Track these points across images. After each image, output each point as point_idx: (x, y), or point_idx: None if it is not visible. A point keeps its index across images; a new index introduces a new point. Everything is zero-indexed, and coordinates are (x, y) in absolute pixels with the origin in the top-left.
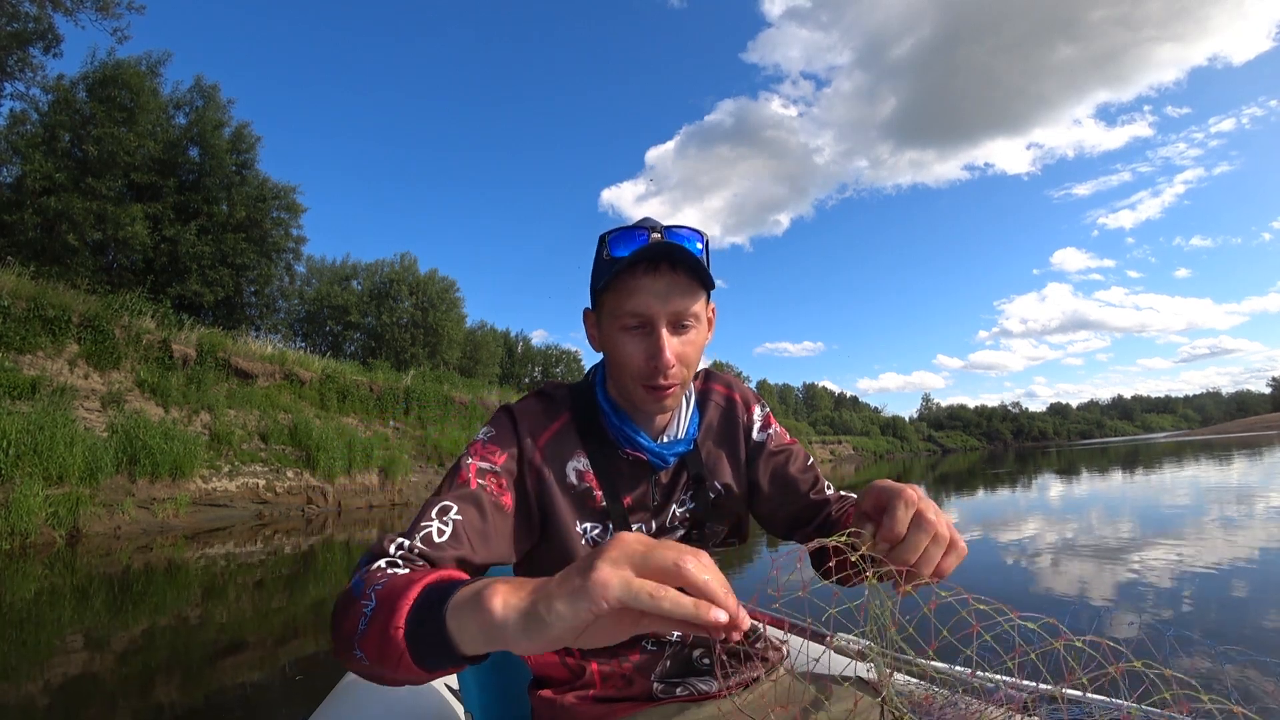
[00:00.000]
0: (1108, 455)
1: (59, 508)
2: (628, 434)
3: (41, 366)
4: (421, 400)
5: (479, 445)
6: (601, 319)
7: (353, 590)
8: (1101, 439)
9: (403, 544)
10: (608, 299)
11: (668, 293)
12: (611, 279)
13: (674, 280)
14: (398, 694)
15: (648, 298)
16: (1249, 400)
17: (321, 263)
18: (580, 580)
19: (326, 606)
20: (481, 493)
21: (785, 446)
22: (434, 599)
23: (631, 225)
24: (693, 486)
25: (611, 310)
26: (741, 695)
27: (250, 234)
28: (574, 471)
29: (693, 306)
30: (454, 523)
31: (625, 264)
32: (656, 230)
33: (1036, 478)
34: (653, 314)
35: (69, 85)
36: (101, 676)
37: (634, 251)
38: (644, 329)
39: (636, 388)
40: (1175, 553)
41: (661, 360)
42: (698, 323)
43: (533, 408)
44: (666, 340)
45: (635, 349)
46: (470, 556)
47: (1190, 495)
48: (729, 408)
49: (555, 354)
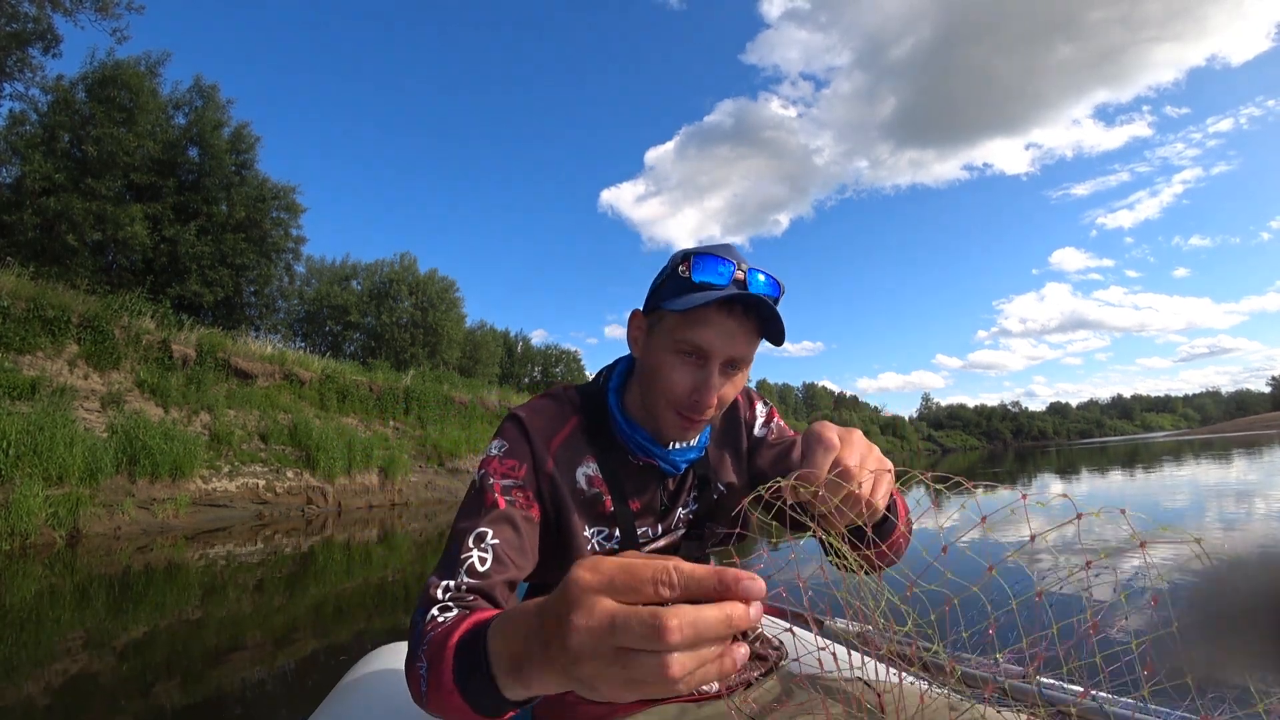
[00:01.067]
0: (1107, 454)
1: (59, 508)
2: (639, 441)
3: (41, 367)
4: (421, 400)
5: (496, 462)
6: (655, 331)
7: (411, 649)
8: (1101, 438)
9: (449, 585)
10: (671, 317)
11: (734, 335)
12: (682, 299)
13: (744, 324)
14: (397, 694)
15: (713, 335)
16: (1248, 399)
17: (321, 263)
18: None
19: (327, 606)
20: (512, 509)
21: (785, 438)
22: (472, 655)
23: (716, 251)
24: (698, 488)
25: (670, 329)
26: (741, 695)
27: (250, 234)
28: (584, 477)
29: (750, 353)
30: (493, 548)
31: (712, 299)
32: (740, 265)
33: (1036, 477)
34: (713, 351)
35: (68, 86)
36: (102, 677)
37: (722, 293)
38: (697, 360)
39: (668, 412)
40: (1174, 552)
41: (706, 399)
42: (747, 366)
43: (542, 413)
44: (717, 381)
45: (682, 377)
46: (515, 576)
47: (1190, 494)
48: (731, 407)
49: (555, 354)
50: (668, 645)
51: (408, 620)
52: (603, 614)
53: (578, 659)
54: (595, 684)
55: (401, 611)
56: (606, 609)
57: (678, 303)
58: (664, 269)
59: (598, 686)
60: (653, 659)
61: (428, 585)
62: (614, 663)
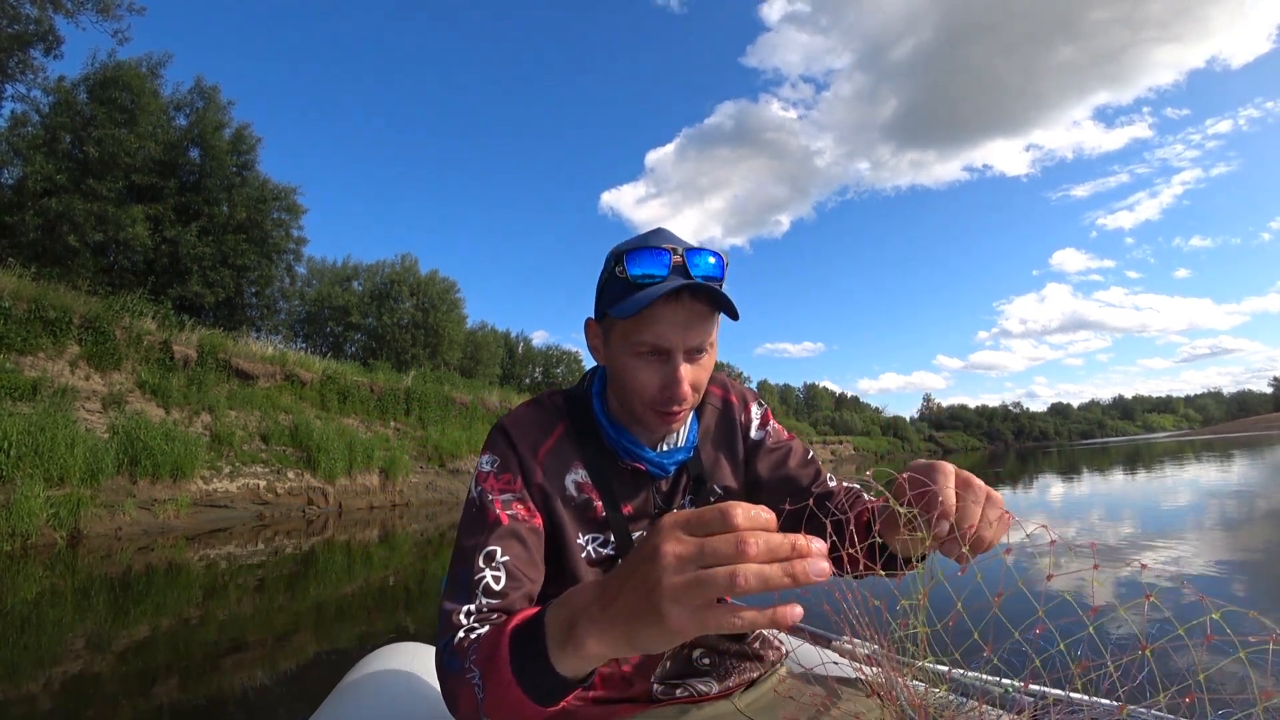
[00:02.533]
0: (1109, 455)
1: (60, 509)
2: (626, 446)
3: (42, 368)
4: (422, 401)
5: (492, 478)
6: (611, 338)
7: (451, 669)
8: (1103, 439)
9: (469, 609)
10: (621, 324)
11: (688, 323)
12: (626, 303)
13: (695, 309)
14: (398, 694)
15: (667, 329)
16: (1250, 400)
17: (322, 264)
18: (655, 620)
19: (328, 607)
20: (516, 523)
21: (784, 443)
22: (527, 641)
23: (649, 241)
24: (693, 489)
25: (625, 333)
26: (741, 696)
27: (251, 235)
28: (573, 484)
29: (711, 335)
30: (504, 565)
31: (651, 295)
32: (675, 250)
33: (1038, 477)
34: (671, 345)
35: (70, 87)
36: (102, 677)
37: (658, 283)
38: (660, 358)
39: (647, 412)
40: (1175, 552)
41: (678, 392)
42: (712, 348)
43: (527, 421)
44: (684, 371)
45: (649, 377)
46: (531, 590)
47: (1191, 495)
48: (725, 409)
49: (556, 355)
50: (745, 557)
51: (409, 620)
52: (692, 541)
53: (661, 582)
54: (672, 608)
55: (402, 611)
56: (695, 539)
57: (623, 307)
58: (603, 271)
59: (670, 612)
60: (726, 572)
61: (447, 613)
62: (695, 585)
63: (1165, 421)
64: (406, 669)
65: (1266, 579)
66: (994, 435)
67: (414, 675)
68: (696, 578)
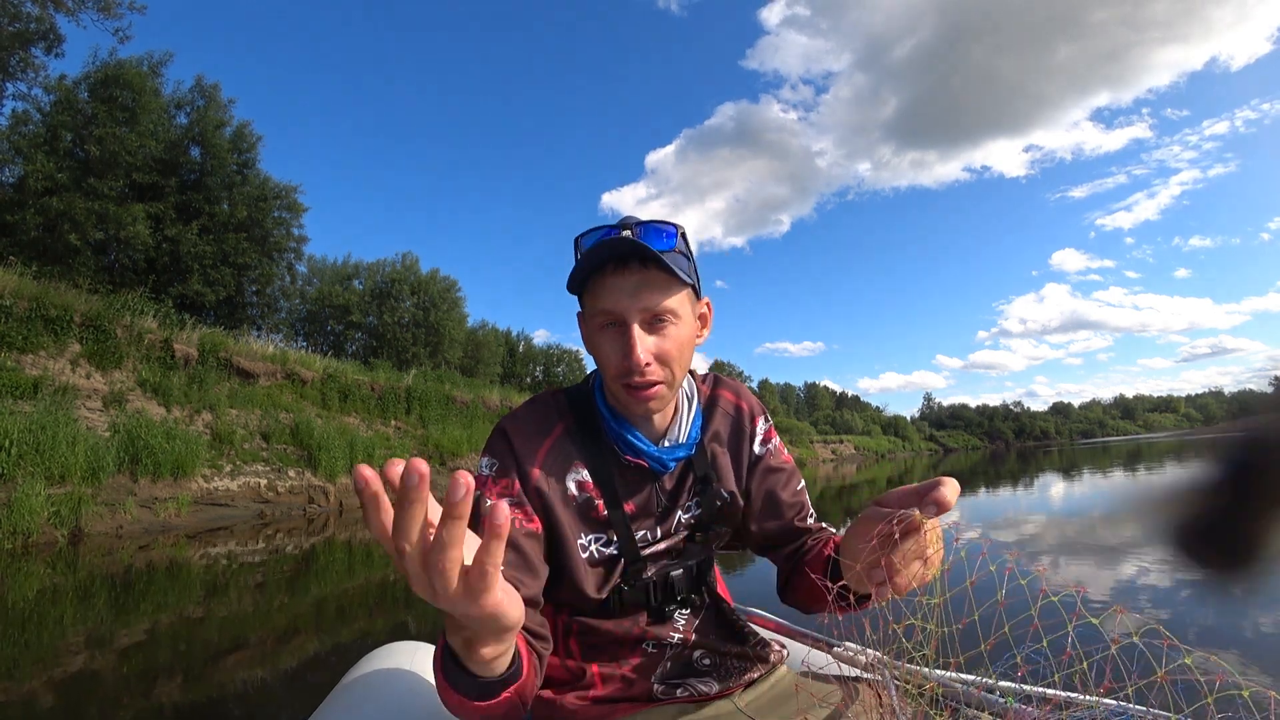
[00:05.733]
0: (1110, 454)
1: (61, 507)
2: (627, 439)
3: (44, 366)
4: (423, 400)
5: (489, 483)
6: (584, 321)
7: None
8: (1103, 438)
9: None
10: (586, 300)
11: (637, 289)
12: (584, 279)
13: (645, 276)
14: (398, 694)
15: (617, 295)
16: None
17: (323, 262)
18: None
19: (328, 606)
20: (512, 530)
21: (783, 465)
22: (448, 646)
23: (603, 224)
24: (699, 489)
25: (589, 310)
26: (741, 696)
27: (252, 234)
28: (574, 483)
29: (666, 302)
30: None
31: (593, 263)
32: (629, 227)
33: (1039, 477)
34: (623, 311)
35: (71, 85)
36: (103, 676)
37: (594, 248)
38: (618, 328)
39: (618, 388)
40: (1175, 552)
41: (633, 359)
42: (677, 319)
43: (526, 421)
44: (639, 338)
45: (611, 348)
46: (527, 595)
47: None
48: (738, 416)
49: (557, 353)
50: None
51: (409, 619)
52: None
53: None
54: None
55: (403, 610)
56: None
57: (574, 280)
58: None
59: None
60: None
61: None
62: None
63: (1166, 421)
64: (406, 668)
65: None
66: (995, 434)
67: (414, 674)
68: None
